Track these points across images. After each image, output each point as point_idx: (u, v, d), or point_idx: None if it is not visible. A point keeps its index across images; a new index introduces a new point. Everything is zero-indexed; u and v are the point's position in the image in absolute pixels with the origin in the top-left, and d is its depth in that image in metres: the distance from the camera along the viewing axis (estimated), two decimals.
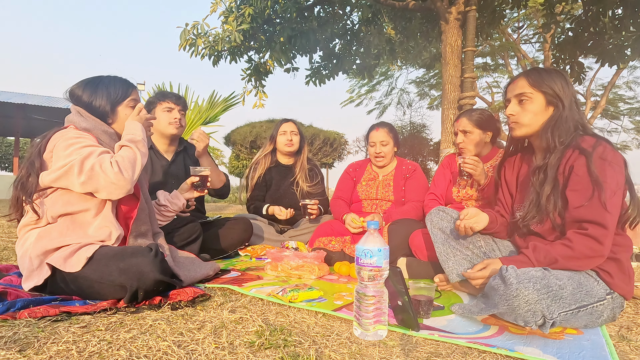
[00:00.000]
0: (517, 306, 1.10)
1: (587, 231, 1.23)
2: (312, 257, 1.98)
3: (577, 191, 1.27)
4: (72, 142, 1.38)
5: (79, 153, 1.35)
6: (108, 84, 1.54)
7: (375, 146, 2.47)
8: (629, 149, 13.52)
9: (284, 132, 2.80)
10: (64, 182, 1.37)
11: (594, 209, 1.22)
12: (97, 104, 1.51)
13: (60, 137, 1.40)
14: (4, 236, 2.94)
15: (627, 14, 3.75)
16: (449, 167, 2.32)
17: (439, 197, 2.26)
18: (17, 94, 12.69)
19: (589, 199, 1.23)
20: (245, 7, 4.08)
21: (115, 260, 1.32)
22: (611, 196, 1.22)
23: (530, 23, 10.52)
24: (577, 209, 1.26)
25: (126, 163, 1.39)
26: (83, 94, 1.51)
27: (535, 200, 1.40)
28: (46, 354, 0.93)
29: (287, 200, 2.81)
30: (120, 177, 1.35)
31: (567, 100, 1.36)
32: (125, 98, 1.55)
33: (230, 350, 1.00)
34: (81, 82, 1.55)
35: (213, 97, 7.31)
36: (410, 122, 12.29)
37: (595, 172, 1.23)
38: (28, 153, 1.43)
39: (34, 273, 1.37)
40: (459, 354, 1.05)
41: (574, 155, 1.31)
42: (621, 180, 1.25)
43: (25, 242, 1.41)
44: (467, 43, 3.59)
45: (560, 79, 1.38)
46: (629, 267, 1.30)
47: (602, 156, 1.24)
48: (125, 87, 1.56)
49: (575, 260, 1.25)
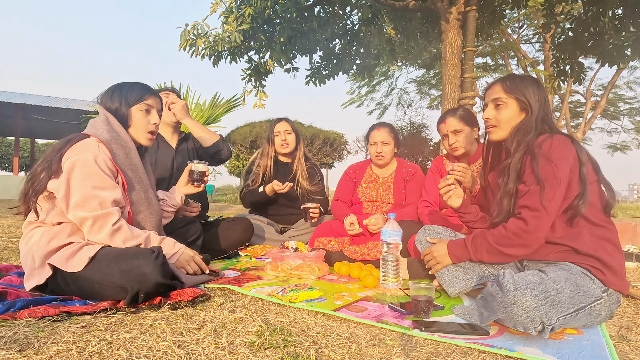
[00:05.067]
0: (516, 313, 1.10)
1: (521, 214, 1.33)
2: (312, 257, 1.98)
3: (524, 183, 1.36)
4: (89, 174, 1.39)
5: (96, 204, 1.39)
6: (127, 88, 1.60)
7: (376, 145, 2.47)
8: (628, 149, 13.53)
9: (278, 133, 2.79)
10: (61, 204, 1.39)
11: (532, 196, 1.30)
12: (115, 106, 1.56)
13: (77, 154, 1.40)
14: (4, 236, 2.94)
15: (627, 14, 3.75)
16: (437, 171, 2.30)
17: (432, 204, 2.25)
18: (17, 94, 12.69)
19: (531, 187, 1.32)
20: (245, 7, 4.08)
21: (116, 262, 1.32)
22: (552, 192, 1.28)
23: (530, 23, 10.54)
24: (520, 198, 1.35)
25: (122, 239, 1.43)
26: (106, 98, 1.58)
27: (500, 199, 1.47)
28: (46, 354, 0.93)
29: (287, 197, 2.81)
30: (107, 240, 1.41)
31: (536, 106, 1.43)
32: (139, 101, 1.60)
33: (230, 350, 1.01)
34: (108, 87, 1.63)
35: (215, 99, 7.31)
36: (410, 122, 12.29)
37: (539, 173, 1.30)
38: (48, 152, 1.44)
39: (35, 272, 1.37)
40: (459, 354, 1.05)
41: (527, 154, 1.38)
42: (565, 174, 1.29)
43: (30, 240, 1.41)
44: (467, 43, 3.59)
45: (532, 85, 1.45)
46: (618, 261, 1.29)
47: (546, 154, 1.30)
48: (142, 92, 1.61)
49: (507, 240, 1.34)
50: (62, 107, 11.65)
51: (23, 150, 21.55)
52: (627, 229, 3.26)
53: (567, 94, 11.08)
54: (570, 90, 11.14)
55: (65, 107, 11.65)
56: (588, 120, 11.53)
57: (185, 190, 1.92)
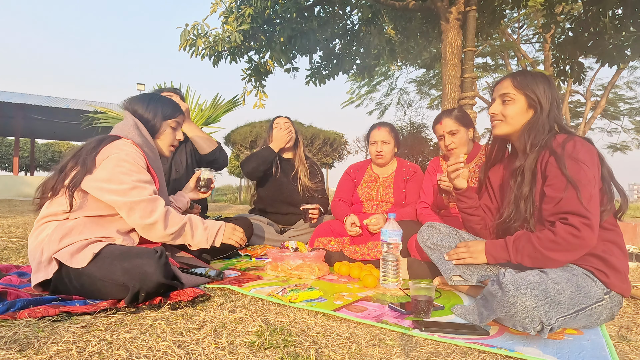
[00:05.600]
0: (515, 313, 1.10)
1: (567, 220, 1.25)
2: (312, 257, 1.98)
3: (553, 187, 1.30)
4: (132, 169, 1.47)
5: (144, 192, 1.48)
6: (162, 102, 1.72)
7: (377, 144, 2.47)
8: (629, 149, 13.52)
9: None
10: (108, 198, 1.44)
11: (571, 201, 1.24)
12: (148, 117, 1.67)
13: (117, 150, 1.47)
14: (4, 236, 2.94)
15: (627, 14, 3.75)
16: (434, 173, 2.31)
17: (430, 205, 2.27)
18: (17, 94, 12.70)
19: (564, 192, 1.26)
20: (246, 7, 4.08)
21: (120, 260, 1.34)
22: (588, 193, 1.24)
23: (530, 23, 10.53)
24: (557, 205, 1.28)
25: (173, 221, 1.56)
26: (139, 107, 1.67)
27: (514, 202, 1.43)
28: (46, 354, 0.93)
29: (287, 195, 2.82)
30: (160, 221, 1.51)
31: (546, 105, 1.39)
32: (171, 117, 1.72)
33: (230, 350, 1.01)
34: (139, 95, 1.73)
35: (216, 100, 7.30)
36: (410, 122, 12.28)
37: (569, 174, 1.25)
38: (83, 150, 1.49)
39: (41, 265, 1.39)
40: (459, 354, 1.05)
41: (546, 155, 1.34)
42: (595, 174, 1.26)
43: (41, 234, 1.43)
44: (467, 43, 3.58)
45: (543, 82, 1.42)
46: (623, 264, 1.29)
47: (572, 155, 1.27)
48: (175, 109, 1.74)
49: (556, 245, 1.26)
50: (62, 107, 11.66)
51: (23, 150, 21.55)
52: (627, 229, 3.26)
53: (567, 94, 11.08)
54: (570, 90, 11.15)
55: (65, 107, 11.66)
56: (588, 120, 11.53)
57: (192, 196, 2.05)
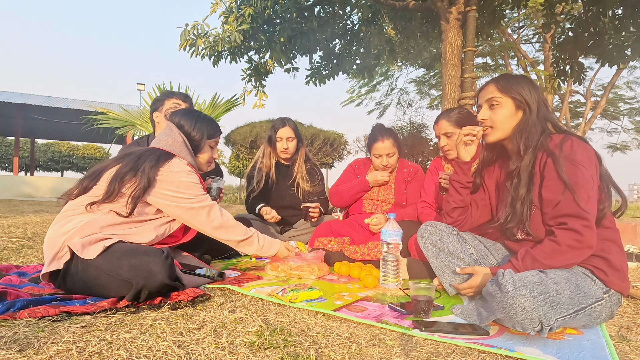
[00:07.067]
0: (514, 314, 1.10)
1: (567, 225, 1.25)
2: (312, 257, 1.98)
3: (550, 190, 1.30)
4: (196, 183, 1.64)
5: (203, 198, 1.65)
6: (207, 122, 1.81)
7: (382, 158, 2.44)
8: (629, 149, 13.52)
9: (280, 139, 2.79)
10: (177, 206, 1.60)
11: (569, 203, 1.25)
12: (194, 134, 1.76)
13: (178, 169, 1.61)
14: (4, 236, 2.94)
15: (627, 14, 3.75)
16: (436, 172, 2.30)
17: (431, 204, 2.26)
18: (17, 94, 12.69)
19: (561, 194, 1.26)
20: (246, 7, 4.08)
21: (127, 256, 1.36)
22: (586, 194, 1.24)
23: (530, 23, 10.52)
24: (555, 207, 1.28)
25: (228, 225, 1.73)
26: (187, 124, 1.76)
27: (511, 204, 1.43)
28: (46, 354, 0.93)
29: (287, 200, 2.81)
30: (227, 222, 1.72)
31: (534, 105, 1.40)
32: (212, 137, 1.83)
33: (230, 350, 1.01)
34: (186, 111, 1.83)
35: (215, 100, 7.30)
36: (410, 122, 12.28)
37: (566, 177, 1.25)
38: (145, 166, 1.55)
39: (56, 255, 1.40)
40: (459, 354, 1.05)
41: (544, 156, 1.34)
42: (593, 174, 1.26)
43: (65, 225, 1.45)
44: (467, 43, 3.58)
45: (527, 84, 1.43)
46: (621, 262, 1.29)
47: (569, 157, 1.27)
48: (217, 130, 1.85)
49: (562, 254, 1.26)
50: (62, 107, 11.65)
51: (23, 150, 21.53)
52: (627, 229, 3.26)
53: (567, 94, 11.07)
54: (570, 90, 11.13)
55: (65, 107, 11.65)
56: (588, 120, 11.52)
57: None
